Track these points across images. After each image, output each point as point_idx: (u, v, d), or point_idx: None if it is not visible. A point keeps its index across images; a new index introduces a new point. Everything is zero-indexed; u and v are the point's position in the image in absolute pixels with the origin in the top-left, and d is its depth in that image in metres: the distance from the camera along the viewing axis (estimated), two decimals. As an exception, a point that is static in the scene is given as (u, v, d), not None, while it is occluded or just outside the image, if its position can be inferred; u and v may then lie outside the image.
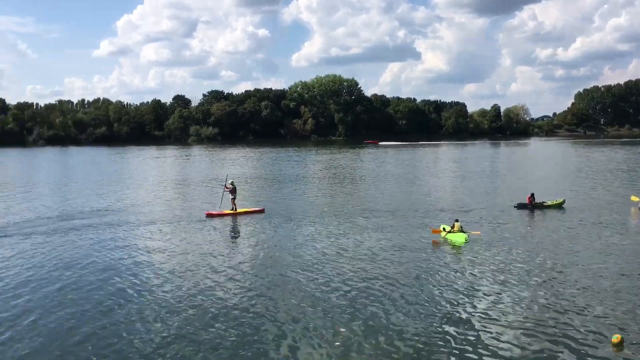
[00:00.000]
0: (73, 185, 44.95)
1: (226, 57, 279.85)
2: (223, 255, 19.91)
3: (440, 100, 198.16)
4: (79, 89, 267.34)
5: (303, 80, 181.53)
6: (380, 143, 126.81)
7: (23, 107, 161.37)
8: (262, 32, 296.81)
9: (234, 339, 12.16)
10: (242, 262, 19.02)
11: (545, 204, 29.84)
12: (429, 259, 19.19)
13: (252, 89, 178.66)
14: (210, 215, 27.64)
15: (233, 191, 28.51)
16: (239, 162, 71.45)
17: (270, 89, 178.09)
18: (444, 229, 22.88)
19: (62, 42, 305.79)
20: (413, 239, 22.19)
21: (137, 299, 14.80)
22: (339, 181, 46.53)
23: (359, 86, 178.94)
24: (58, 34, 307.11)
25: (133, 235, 23.33)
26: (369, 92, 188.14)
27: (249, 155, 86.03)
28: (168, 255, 19.80)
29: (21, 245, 21.43)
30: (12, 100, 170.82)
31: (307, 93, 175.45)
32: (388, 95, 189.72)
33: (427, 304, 14.35)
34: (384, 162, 70.35)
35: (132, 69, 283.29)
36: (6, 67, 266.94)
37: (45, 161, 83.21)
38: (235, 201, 28.67)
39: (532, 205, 29.62)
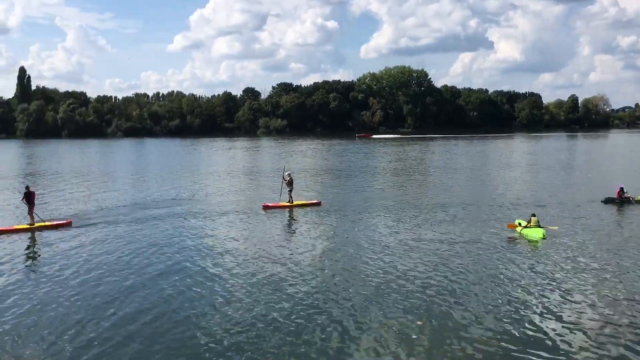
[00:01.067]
0: (147, 175, 46.38)
1: (295, 49, 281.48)
2: (280, 247, 19.61)
3: (513, 90, 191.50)
4: (154, 82, 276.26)
5: (372, 72, 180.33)
6: (373, 136, 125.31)
7: (103, 100, 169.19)
8: (331, 23, 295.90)
9: (295, 330, 11.83)
10: (299, 254, 18.61)
11: (636, 198, 27.85)
12: (504, 255, 18.22)
13: (320, 80, 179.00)
14: (266, 207, 27.62)
15: (290, 183, 28.22)
16: (305, 154, 71.62)
17: (339, 80, 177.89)
18: (519, 223, 21.79)
19: (138, 37, 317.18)
20: (486, 234, 21.20)
21: (199, 289, 14.77)
22: (404, 174, 45.55)
23: (428, 77, 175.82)
24: (135, 29, 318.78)
25: (195, 225, 23.40)
26: (438, 83, 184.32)
27: (315, 147, 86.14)
28: (226, 247, 19.70)
29: (94, 233, 22.05)
30: (92, 93, 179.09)
31: (375, 85, 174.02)
32: (459, 87, 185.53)
33: (499, 303, 13.49)
34: (454, 154, 68.68)
35: (204, 62, 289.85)
36: (87, 62, 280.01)
37: (122, 152, 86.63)
38: (292, 193, 28.36)
39: (620, 200, 27.79)
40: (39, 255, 18.96)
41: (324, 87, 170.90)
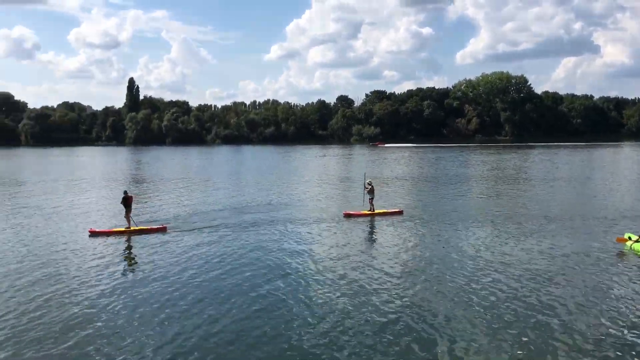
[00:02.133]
0: (242, 181, 47.55)
1: (389, 57, 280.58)
2: (360, 256, 19.16)
3: (621, 96, 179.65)
4: (251, 91, 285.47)
5: (467, 78, 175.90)
6: (385, 145, 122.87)
7: (203, 109, 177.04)
8: (426, 30, 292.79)
9: (375, 340, 11.34)
10: (378, 263, 18.02)
11: None
12: (612, 271, 16.67)
13: (414, 88, 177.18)
14: (347, 215, 27.28)
15: (371, 191, 27.76)
16: (396, 162, 70.66)
17: (433, 87, 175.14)
18: (629, 237, 19.98)
19: (237, 48, 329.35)
20: (592, 248, 19.54)
21: (285, 295, 14.62)
22: (499, 183, 43.45)
23: (528, 83, 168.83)
24: (234, 40, 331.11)
25: (280, 231, 23.39)
26: (539, 89, 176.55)
27: (408, 155, 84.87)
28: (308, 254, 19.49)
29: (187, 239, 22.65)
30: (194, 102, 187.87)
31: (471, 91, 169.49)
32: (561, 93, 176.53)
33: (605, 324, 12.26)
34: (555, 163, 65.05)
35: (299, 71, 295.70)
36: (190, 73, 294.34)
37: (220, 158, 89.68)
38: (374, 201, 27.83)
39: None
40: (134, 259, 19.62)
41: (418, 94, 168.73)
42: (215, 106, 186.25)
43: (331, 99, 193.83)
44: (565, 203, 31.07)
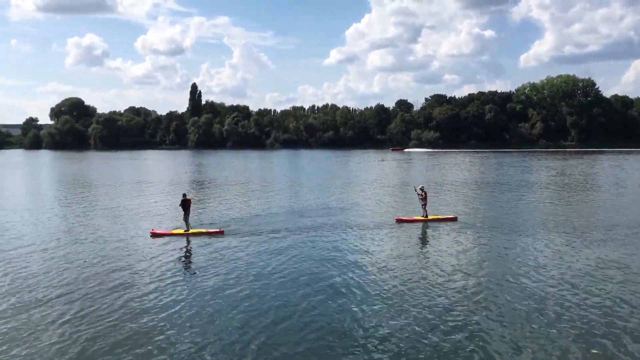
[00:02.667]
0: (299, 185, 47.89)
1: (449, 60, 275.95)
2: (412, 263, 18.94)
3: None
4: (310, 95, 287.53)
5: (532, 82, 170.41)
6: (405, 150, 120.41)
7: (263, 113, 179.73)
8: (489, 33, 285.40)
9: (431, 349, 11.16)
10: (431, 270, 17.69)
11: None
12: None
13: (475, 92, 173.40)
14: (400, 221, 27.01)
15: (424, 197, 27.44)
16: (456, 167, 69.37)
17: (495, 91, 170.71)
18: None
19: (296, 53, 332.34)
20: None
21: (338, 299, 14.59)
22: (564, 190, 41.83)
23: (596, 86, 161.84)
24: (293, 45, 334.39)
25: (333, 236, 23.39)
26: (607, 92, 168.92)
27: (468, 160, 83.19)
28: (361, 259, 19.41)
29: (243, 242, 23.00)
30: (254, 107, 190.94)
31: (535, 95, 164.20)
32: (631, 96, 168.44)
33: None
34: (624, 170, 62.20)
35: (358, 76, 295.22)
36: (250, 78, 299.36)
37: (279, 162, 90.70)
38: (427, 207, 27.46)
39: None
40: (192, 261, 20.07)
41: (479, 98, 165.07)
42: (274, 110, 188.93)
43: (390, 103, 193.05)
44: (636, 212, 29.61)
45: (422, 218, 27.17)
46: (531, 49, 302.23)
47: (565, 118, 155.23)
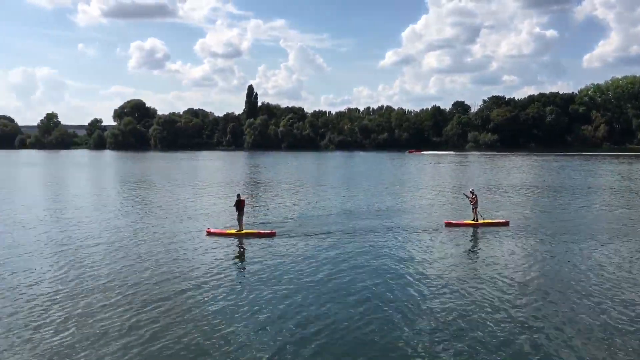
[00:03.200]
0: (353, 187, 47.77)
1: (508, 61, 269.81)
2: (460, 268, 18.65)
3: None
4: (365, 97, 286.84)
5: (595, 83, 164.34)
6: (423, 152, 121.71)
7: (318, 115, 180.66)
8: (550, 33, 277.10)
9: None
10: (482, 276, 17.27)
11: None
12: None
13: (535, 93, 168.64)
14: (449, 225, 26.52)
15: (474, 201, 26.88)
16: (516, 170, 67.49)
17: (557, 93, 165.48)
18: None
19: (351, 54, 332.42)
20: None
21: (388, 304, 14.49)
22: (627, 195, 39.81)
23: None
24: (349, 47, 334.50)
25: (382, 240, 23.23)
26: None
27: (526, 164, 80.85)
28: (410, 264, 19.18)
29: (295, 244, 23.21)
30: (309, 109, 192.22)
31: (599, 96, 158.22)
32: None
33: None
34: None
35: (414, 77, 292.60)
36: (305, 80, 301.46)
37: (333, 164, 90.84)
38: (477, 211, 26.88)
39: None
40: (244, 261, 20.36)
41: (540, 99, 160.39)
42: (329, 112, 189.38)
43: (446, 105, 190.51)
44: None
45: (473, 222, 26.65)
46: (595, 49, 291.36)
47: (631, 120, 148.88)
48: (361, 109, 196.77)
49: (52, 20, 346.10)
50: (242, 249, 21.97)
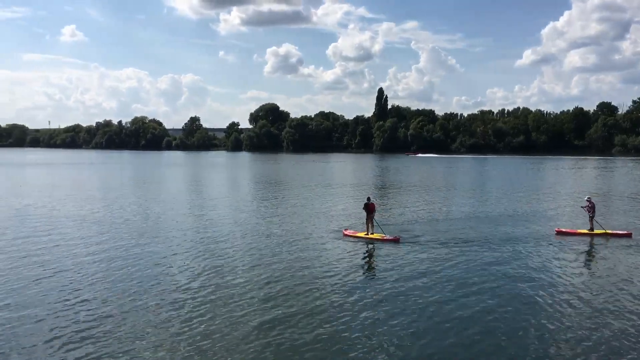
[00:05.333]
0: (484, 193, 45.95)
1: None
2: (573, 281, 16.91)
3: None
4: (499, 98, 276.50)
5: None
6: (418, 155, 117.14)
7: (449, 117, 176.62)
8: None
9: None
10: (598, 292, 15.49)
11: None
12: None
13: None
14: (560, 233, 24.82)
15: (591, 209, 24.78)
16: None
17: None
18: None
19: (485, 55, 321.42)
20: None
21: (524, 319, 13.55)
22: None
23: None
24: (483, 47, 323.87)
25: (499, 248, 21.76)
26: None
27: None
28: (520, 275, 17.71)
29: (421, 250, 22.50)
30: (440, 111, 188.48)
31: None
32: None
33: None
34: None
35: (554, 77, 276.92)
36: (437, 81, 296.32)
37: (465, 168, 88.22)
38: (595, 220, 24.80)
39: None
40: (369, 265, 20.12)
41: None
42: (461, 115, 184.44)
43: (590, 106, 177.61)
44: None
45: (588, 231, 24.64)
46: None
47: None
48: (495, 111, 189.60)
49: (197, 30, 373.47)
50: (368, 253, 21.70)
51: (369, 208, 24.12)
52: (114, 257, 19.95)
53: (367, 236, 23.90)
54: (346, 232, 24.72)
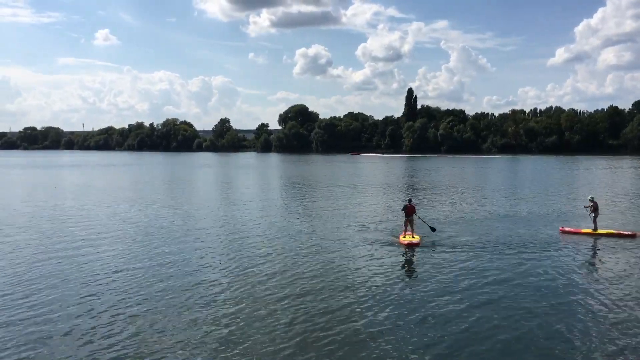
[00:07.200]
0: (514, 194, 45.60)
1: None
2: (581, 282, 16.93)
3: None
4: (531, 98, 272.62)
5: None
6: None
7: (480, 117, 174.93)
8: None
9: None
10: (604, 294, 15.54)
11: None
12: None
13: None
14: (564, 232, 24.89)
15: (593, 209, 24.91)
16: None
17: None
18: None
19: (517, 53, 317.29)
20: None
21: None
22: None
23: None
24: (515, 46, 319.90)
25: (503, 253, 21.66)
26: None
27: None
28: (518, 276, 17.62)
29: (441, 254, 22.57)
30: (470, 111, 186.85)
31: None
32: None
33: None
34: None
35: (588, 75, 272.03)
36: (467, 81, 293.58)
37: (497, 169, 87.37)
38: (597, 220, 24.84)
39: None
40: (408, 267, 20.24)
41: None
42: (492, 114, 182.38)
43: (626, 105, 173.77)
44: None
45: (591, 231, 24.57)
46: None
47: None
48: (527, 110, 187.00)
49: (227, 32, 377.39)
50: (404, 257, 21.75)
51: (408, 210, 24.01)
52: (146, 257, 20.58)
53: (410, 243, 22.92)
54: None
